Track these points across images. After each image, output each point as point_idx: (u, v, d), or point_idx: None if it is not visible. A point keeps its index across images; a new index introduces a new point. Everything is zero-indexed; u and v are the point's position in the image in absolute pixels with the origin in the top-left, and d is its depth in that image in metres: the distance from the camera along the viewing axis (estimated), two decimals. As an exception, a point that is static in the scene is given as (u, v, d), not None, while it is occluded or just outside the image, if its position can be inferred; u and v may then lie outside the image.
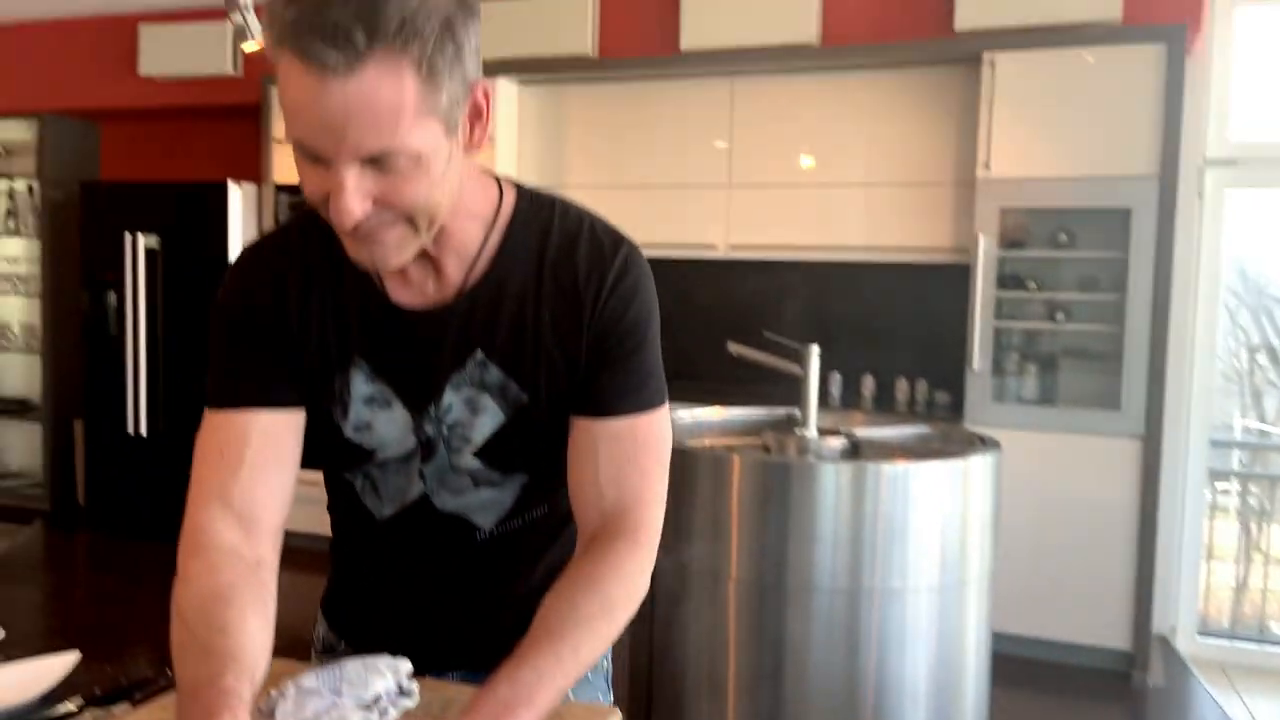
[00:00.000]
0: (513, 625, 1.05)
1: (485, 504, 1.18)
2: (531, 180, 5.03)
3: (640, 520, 1.10)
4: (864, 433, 2.83)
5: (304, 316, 1.11)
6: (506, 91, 4.74)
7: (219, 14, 4.64)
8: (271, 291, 1.11)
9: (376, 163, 0.92)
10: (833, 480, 2.40)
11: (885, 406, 4.34)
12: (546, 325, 1.10)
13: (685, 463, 2.52)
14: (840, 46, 4.29)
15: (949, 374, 4.30)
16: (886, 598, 2.40)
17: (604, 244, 1.12)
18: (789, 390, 2.88)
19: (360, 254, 1.00)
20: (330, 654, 1.31)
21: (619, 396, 1.11)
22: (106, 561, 5.60)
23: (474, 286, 1.10)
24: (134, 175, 5.83)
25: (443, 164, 0.96)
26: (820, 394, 2.81)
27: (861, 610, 2.39)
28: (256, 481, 1.07)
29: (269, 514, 1.07)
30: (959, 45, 4.08)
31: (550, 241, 1.11)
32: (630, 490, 1.10)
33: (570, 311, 1.10)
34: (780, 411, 3.07)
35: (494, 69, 4.66)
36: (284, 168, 5.08)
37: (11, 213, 5.90)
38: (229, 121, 5.60)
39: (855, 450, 2.76)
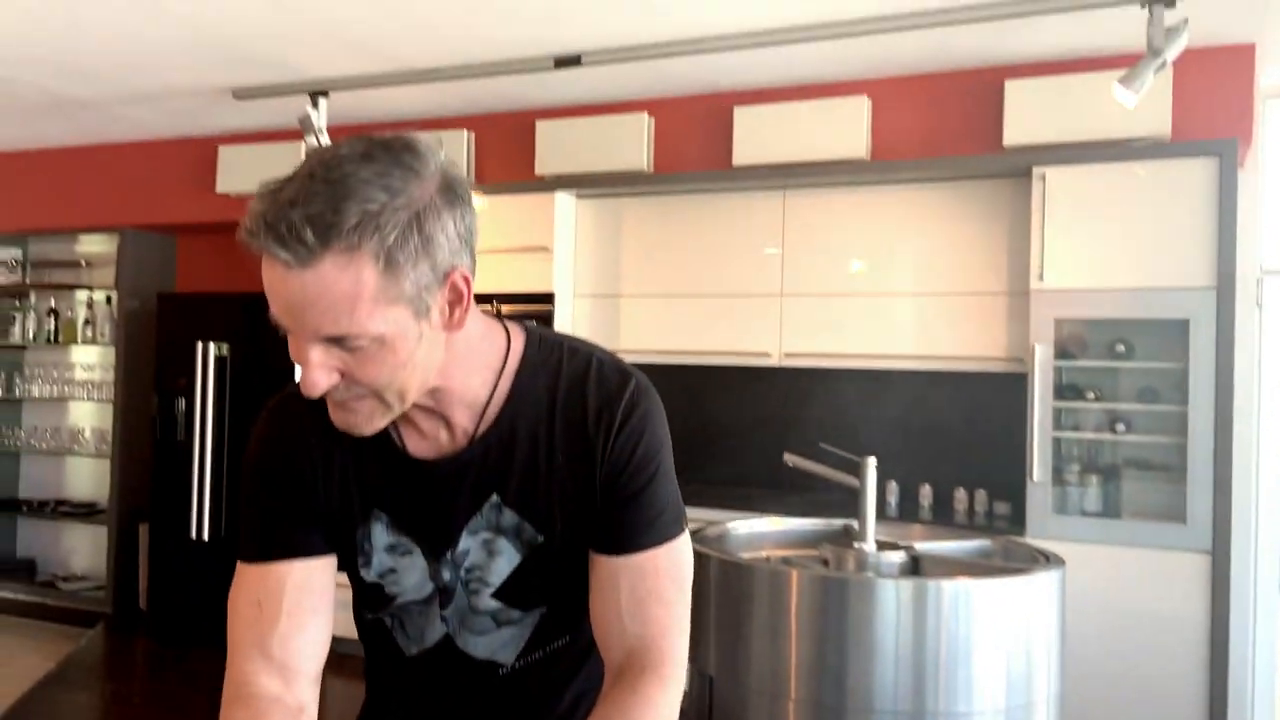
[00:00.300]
0: None
1: (506, 641, 1.20)
2: (588, 289, 5.07)
3: (665, 654, 1.11)
4: (923, 546, 2.80)
5: (327, 470, 1.15)
6: (565, 204, 4.89)
7: (295, 135, 4.88)
8: (297, 446, 1.15)
9: (339, 342, 0.97)
10: (893, 597, 2.37)
11: (943, 517, 4.28)
12: (560, 466, 1.13)
13: (742, 577, 2.50)
14: (890, 161, 4.38)
15: (1008, 484, 4.24)
16: (951, 721, 2.34)
17: (611, 382, 1.14)
18: (846, 498, 2.87)
19: (336, 418, 1.05)
20: None
21: (636, 533, 1.13)
22: (166, 667, 5.64)
23: (485, 434, 1.13)
24: (207, 286, 6.06)
25: (411, 345, 0.99)
26: (878, 503, 2.79)
27: (925, 733, 2.34)
28: (295, 633, 1.10)
29: (309, 663, 1.11)
30: (1008, 160, 4.14)
31: (560, 384, 1.14)
32: (654, 623, 1.11)
33: (582, 451, 1.13)
34: (837, 523, 3.05)
35: (553, 184, 4.83)
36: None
37: (89, 321, 6.16)
38: (299, 235, 5.79)
39: (915, 565, 2.73)
